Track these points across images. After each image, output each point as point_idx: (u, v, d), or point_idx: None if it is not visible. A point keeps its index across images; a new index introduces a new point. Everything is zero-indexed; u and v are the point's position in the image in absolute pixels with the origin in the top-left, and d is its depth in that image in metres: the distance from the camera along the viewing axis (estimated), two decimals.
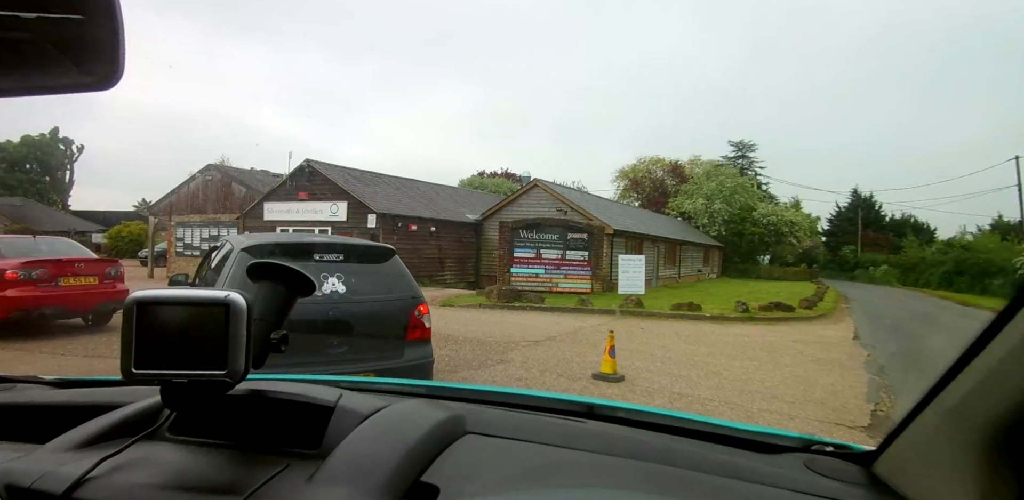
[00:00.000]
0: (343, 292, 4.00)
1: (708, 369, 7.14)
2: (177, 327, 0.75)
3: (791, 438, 0.97)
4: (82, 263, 8.43)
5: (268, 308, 0.84)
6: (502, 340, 8.75)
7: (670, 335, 9.98)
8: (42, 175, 56.26)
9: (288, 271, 0.86)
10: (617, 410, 1.10)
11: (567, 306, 13.43)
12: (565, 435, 0.91)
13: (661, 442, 0.93)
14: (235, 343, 0.74)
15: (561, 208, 20.58)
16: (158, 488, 0.74)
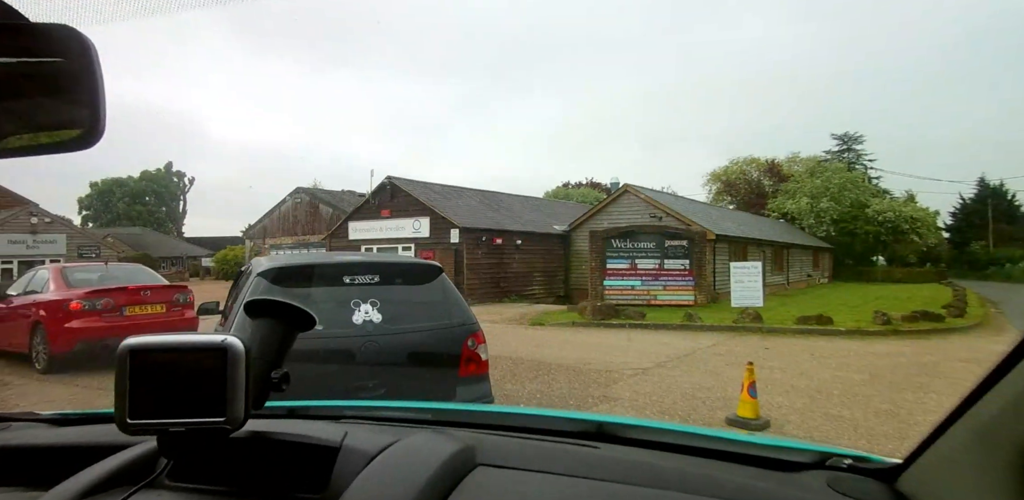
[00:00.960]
0: (379, 322, 3.36)
1: (875, 406, 5.57)
2: (173, 374, 0.72)
3: (810, 452, 0.93)
4: (148, 291, 8.00)
5: (267, 346, 0.81)
6: (602, 368, 7.49)
7: (805, 357, 8.34)
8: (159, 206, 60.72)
9: (285, 307, 0.84)
10: (628, 430, 1.05)
11: (672, 323, 11.90)
12: (578, 463, 0.89)
13: (677, 466, 0.90)
14: (233, 389, 0.72)
15: (655, 214, 19.04)
16: None
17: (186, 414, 0.72)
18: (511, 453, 0.93)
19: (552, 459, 0.91)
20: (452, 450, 0.88)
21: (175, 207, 62.33)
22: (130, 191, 58.60)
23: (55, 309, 7.45)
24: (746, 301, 12.33)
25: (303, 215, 28.21)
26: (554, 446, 0.98)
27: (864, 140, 47.46)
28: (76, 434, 1.11)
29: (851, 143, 47.40)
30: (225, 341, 0.72)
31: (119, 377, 0.72)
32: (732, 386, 6.17)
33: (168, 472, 0.85)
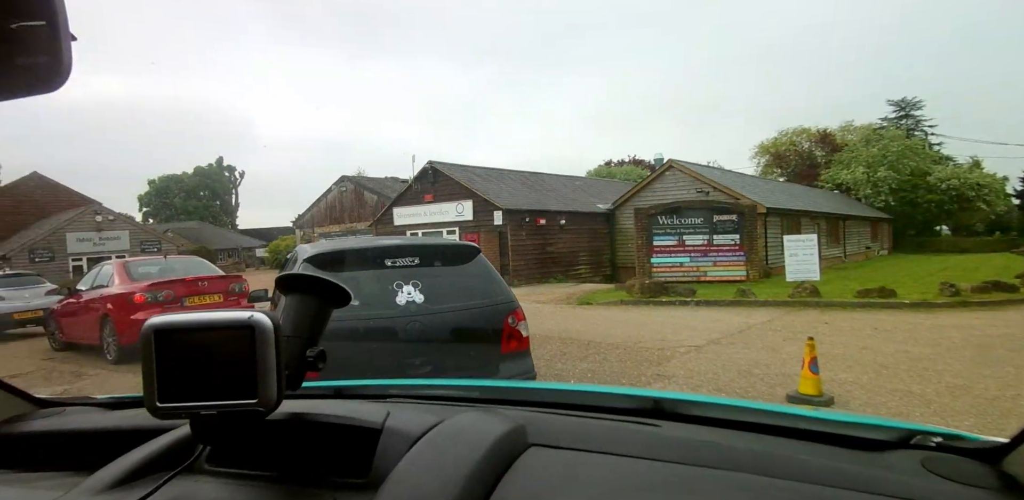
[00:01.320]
0: (421, 302, 3.45)
1: (946, 381, 5.28)
2: (200, 354, 0.69)
3: (893, 430, 0.86)
4: (206, 281, 8.26)
5: (301, 323, 0.78)
6: (654, 346, 7.35)
7: (867, 331, 7.99)
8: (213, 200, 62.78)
9: (318, 282, 0.81)
10: (689, 406, 0.96)
11: (724, 299, 11.59)
12: (639, 443, 0.83)
13: (749, 445, 0.83)
14: (264, 368, 0.68)
15: (702, 189, 18.54)
16: None
17: (217, 396, 0.68)
18: (565, 432, 0.87)
19: (610, 438, 0.85)
20: (502, 430, 0.82)
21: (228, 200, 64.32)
22: (185, 187, 60.72)
23: (121, 302, 7.77)
24: (801, 275, 11.90)
25: (349, 203, 28.66)
26: (611, 424, 0.92)
27: (923, 105, 44.95)
28: (127, 417, 1.11)
29: (909, 109, 44.95)
30: (252, 318, 0.68)
31: (145, 358, 0.69)
32: (791, 362, 5.96)
33: (206, 456, 0.82)
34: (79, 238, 26.86)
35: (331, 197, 29.68)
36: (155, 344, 0.68)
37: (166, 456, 0.85)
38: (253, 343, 0.67)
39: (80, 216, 27.24)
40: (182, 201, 59.90)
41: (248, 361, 0.67)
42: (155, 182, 61.38)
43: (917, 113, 44.93)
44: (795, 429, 0.87)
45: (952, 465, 0.75)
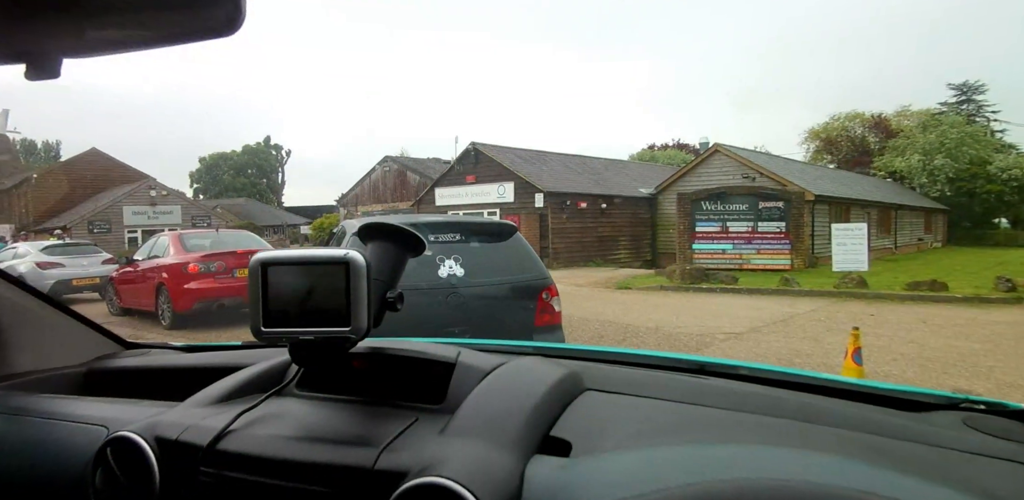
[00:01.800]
0: (461, 275, 3.68)
1: (996, 378, 5.15)
2: (301, 287, 0.75)
3: (940, 396, 0.87)
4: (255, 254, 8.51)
5: (381, 267, 0.82)
6: (693, 332, 7.34)
7: (915, 324, 7.79)
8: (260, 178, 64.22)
9: (397, 230, 0.86)
10: (740, 368, 0.99)
11: (767, 287, 11.41)
12: (690, 391, 0.87)
13: (796, 399, 0.86)
14: (356, 300, 0.74)
15: (748, 174, 18.14)
16: (295, 440, 0.76)
17: (314, 324, 0.75)
18: (618, 380, 0.93)
19: (660, 386, 0.90)
20: (561, 373, 0.89)
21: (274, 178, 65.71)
22: (234, 164, 62.25)
23: (176, 272, 8.13)
24: (849, 265, 11.60)
25: (392, 183, 29.02)
26: (660, 374, 0.98)
27: (987, 89, 42.66)
28: (204, 358, 1.23)
29: (971, 93, 42.73)
30: (347, 255, 0.75)
31: (252, 289, 0.76)
32: (834, 353, 5.89)
33: (296, 382, 0.91)
34: (134, 211, 27.99)
35: (374, 177, 30.10)
36: (262, 276, 0.75)
37: (260, 382, 0.95)
38: (348, 277, 0.74)
39: (136, 191, 28.35)
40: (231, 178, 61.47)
41: (342, 294, 0.74)
42: (205, 159, 63.11)
43: (979, 97, 42.66)
44: (839, 389, 0.91)
45: (993, 423, 0.78)
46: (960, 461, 0.69)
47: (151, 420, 0.85)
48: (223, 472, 0.75)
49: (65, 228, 25.59)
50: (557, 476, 0.65)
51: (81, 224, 26.76)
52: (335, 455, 0.72)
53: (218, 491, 0.75)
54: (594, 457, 0.69)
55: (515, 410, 0.76)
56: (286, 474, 0.72)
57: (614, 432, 0.75)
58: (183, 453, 0.78)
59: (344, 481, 0.70)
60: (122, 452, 0.79)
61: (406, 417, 0.80)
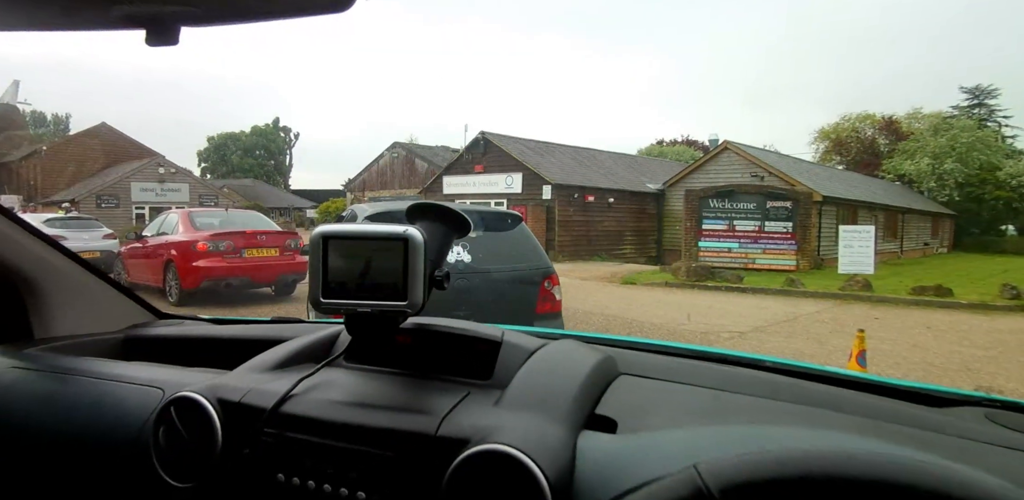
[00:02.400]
0: (468, 262, 3.78)
1: (999, 386, 5.18)
2: (360, 260, 0.77)
3: (963, 394, 0.89)
4: (264, 235, 8.58)
5: (430, 247, 0.81)
6: (698, 329, 7.38)
7: (919, 329, 7.83)
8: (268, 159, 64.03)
9: (445, 210, 0.87)
10: (765, 362, 1.01)
11: (772, 287, 11.44)
12: (722, 379, 0.89)
13: (823, 390, 0.88)
14: (414, 276, 0.76)
15: (757, 173, 18.10)
16: (356, 406, 0.79)
17: (371, 298, 0.77)
18: (651, 366, 0.95)
19: (693, 373, 0.92)
20: (599, 357, 0.92)
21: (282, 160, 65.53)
22: (242, 145, 62.07)
23: (185, 249, 8.14)
24: (855, 267, 11.62)
25: (400, 169, 29.00)
26: (693, 362, 0.99)
27: (999, 94, 42.09)
28: (238, 330, 1.27)
29: (983, 97, 42.24)
30: (407, 232, 0.76)
31: (313, 260, 0.77)
32: (837, 355, 5.93)
33: (345, 355, 0.94)
34: (143, 188, 28.04)
35: (382, 162, 30.07)
36: (323, 249, 0.77)
37: (310, 352, 0.98)
38: (406, 253, 0.76)
39: (144, 167, 28.38)
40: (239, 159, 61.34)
41: (400, 269, 0.76)
42: (214, 139, 62.95)
43: (991, 102, 42.17)
44: (864, 383, 0.93)
45: (1016, 419, 0.80)
46: (984, 451, 0.71)
47: (212, 383, 0.87)
48: (285, 433, 0.78)
49: (73, 201, 25.67)
50: (608, 448, 0.68)
51: (89, 198, 26.84)
52: (397, 421, 0.75)
53: (281, 451, 0.78)
54: (642, 434, 0.71)
55: (564, 387, 0.79)
56: (349, 437, 0.75)
57: (656, 412, 0.77)
58: (245, 415, 0.81)
59: (407, 446, 0.72)
60: (185, 411, 0.81)
61: (458, 390, 0.82)
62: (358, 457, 0.74)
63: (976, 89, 42.41)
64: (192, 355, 1.15)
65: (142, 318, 1.41)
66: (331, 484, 0.74)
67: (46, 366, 1.07)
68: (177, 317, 1.43)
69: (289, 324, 1.25)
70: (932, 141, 34.88)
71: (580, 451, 0.68)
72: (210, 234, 8.24)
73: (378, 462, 0.73)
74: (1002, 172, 33.99)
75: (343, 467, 0.75)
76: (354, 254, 0.77)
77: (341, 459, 0.75)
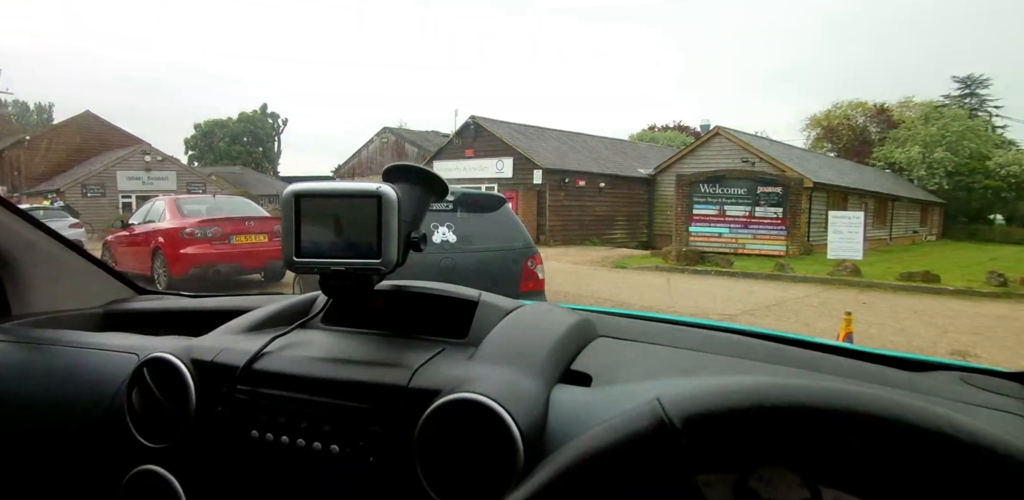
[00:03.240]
0: (454, 242, 3.92)
1: None
2: (332, 218, 0.76)
3: (939, 362, 0.91)
4: (252, 221, 8.53)
5: (407, 209, 0.81)
6: (686, 311, 7.37)
7: (906, 314, 7.86)
8: (256, 146, 63.40)
9: (421, 171, 0.86)
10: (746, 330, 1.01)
11: (761, 272, 11.46)
12: (699, 342, 0.90)
13: (801, 353, 0.89)
14: (387, 233, 0.75)
15: (748, 159, 18.09)
16: (330, 361, 0.79)
17: (345, 256, 0.76)
18: (630, 329, 0.95)
19: (670, 335, 0.92)
20: (577, 318, 0.91)
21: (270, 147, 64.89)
22: (230, 132, 61.39)
23: (172, 236, 8.12)
24: (844, 253, 11.68)
25: (390, 154, 28.82)
26: (670, 325, 1.00)
27: (991, 83, 42.20)
28: (215, 302, 1.27)
29: (975, 87, 42.37)
30: (379, 189, 0.75)
31: (285, 219, 0.77)
32: (825, 337, 5.92)
33: (322, 316, 0.94)
34: (129, 176, 27.67)
35: (372, 148, 29.86)
36: (295, 207, 0.76)
37: (287, 314, 0.97)
38: (380, 211, 0.74)
39: (130, 155, 27.98)
40: (226, 146, 60.68)
41: (374, 227, 0.75)
42: (201, 126, 62.19)
43: (983, 92, 42.36)
44: (842, 350, 0.94)
45: (989, 381, 0.80)
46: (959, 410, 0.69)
47: (185, 344, 0.87)
48: (259, 390, 0.78)
49: (58, 191, 25.33)
50: (580, 399, 0.69)
51: (74, 188, 26.47)
52: (370, 375, 0.75)
53: (254, 408, 0.78)
54: (615, 385, 0.72)
55: (539, 343, 0.79)
56: (322, 391, 0.75)
57: (632, 369, 0.77)
58: (218, 373, 0.81)
59: (380, 398, 0.73)
60: (158, 372, 0.82)
61: (433, 347, 0.82)
62: (331, 411, 0.74)
63: (968, 78, 42.51)
64: (172, 327, 1.15)
65: (123, 294, 1.40)
66: (305, 438, 0.74)
67: (21, 338, 1.07)
68: (158, 293, 1.44)
69: (270, 296, 1.25)
70: (923, 130, 35.04)
71: (553, 402, 0.68)
72: (198, 221, 8.21)
73: (351, 415, 0.73)
74: (991, 161, 34.23)
75: (317, 421, 0.74)
76: (327, 212, 0.76)
77: (314, 413, 0.75)
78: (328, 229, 0.76)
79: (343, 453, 0.72)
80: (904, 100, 41.73)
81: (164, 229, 8.30)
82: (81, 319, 1.25)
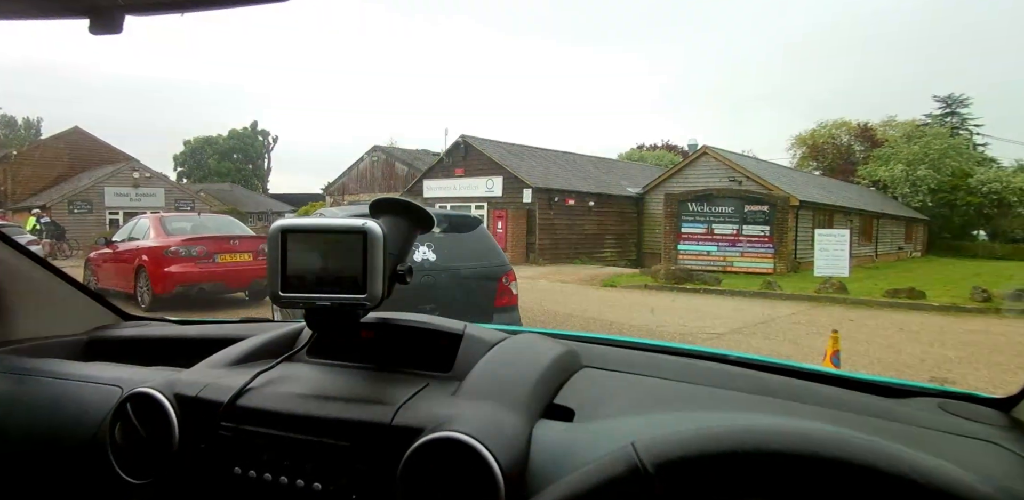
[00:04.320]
0: (433, 260, 4.14)
1: (970, 385, 5.25)
2: (319, 254, 0.77)
3: (919, 387, 0.93)
4: (237, 240, 8.51)
5: (393, 241, 0.82)
6: (676, 331, 7.40)
7: (892, 330, 7.93)
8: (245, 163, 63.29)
9: (408, 205, 0.87)
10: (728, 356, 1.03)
11: (749, 290, 11.54)
12: (681, 371, 0.91)
13: (784, 382, 0.90)
14: (373, 269, 0.76)
15: (735, 177, 18.28)
16: (313, 398, 0.79)
17: (330, 291, 0.76)
18: (614, 359, 0.97)
19: (655, 366, 0.94)
20: (561, 349, 0.93)
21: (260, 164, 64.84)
22: (219, 149, 61.32)
23: (157, 254, 8.06)
24: (830, 270, 11.77)
25: (380, 173, 28.86)
26: (653, 355, 1.01)
27: (971, 103, 43.22)
28: (205, 330, 1.27)
29: (956, 106, 43.34)
30: (365, 224, 0.76)
31: (271, 254, 0.77)
32: (813, 356, 5.97)
33: (307, 349, 0.94)
34: (117, 193, 27.53)
35: (362, 166, 29.91)
36: (281, 242, 0.76)
37: (272, 347, 0.98)
38: (365, 246, 0.75)
39: (118, 171, 27.87)
40: (216, 162, 60.58)
41: (359, 262, 0.75)
42: (190, 142, 62.14)
43: (963, 111, 43.30)
44: (823, 376, 0.95)
45: (967, 408, 0.82)
46: (935, 438, 0.72)
47: (169, 378, 0.87)
48: (242, 427, 0.78)
49: (45, 207, 25.12)
50: (562, 436, 0.69)
51: (61, 204, 26.27)
52: (353, 412, 0.75)
53: (237, 445, 0.78)
54: (596, 422, 0.73)
55: (522, 378, 0.79)
56: (305, 428, 0.75)
57: (613, 402, 0.78)
58: (202, 409, 0.80)
59: (363, 435, 0.73)
60: (142, 408, 0.81)
61: (417, 382, 0.83)
62: (314, 448, 0.74)
63: (949, 98, 43.47)
64: (157, 355, 1.16)
65: (107, 320, 1.40)
66: (287, 476, 0.75)
67: (4, 367, 1.06)
68: (143, 319, 1.44)
69: (256, 323, 1.25)
70: (906, 148, 35.66)
71: (535, 439, 0.69)
72: (183, 239, 8.19)
73: (334, 452, 0.73)
74: (973, 179, 34.83)
75: (299, 459, 0.75)
76: (313, 247, 0.77)
77: (297, 451, 0.75)
78: (314, 264, 0.77)
79: (326, 491, 0.73)
80: (887, 119, 42.55)
81: (148, 247, 8.27)
82: (65, 347, 1.23)
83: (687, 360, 0.99)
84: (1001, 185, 34.23)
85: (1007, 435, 0.75)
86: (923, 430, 0.74)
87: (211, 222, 9.48)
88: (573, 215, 19.18)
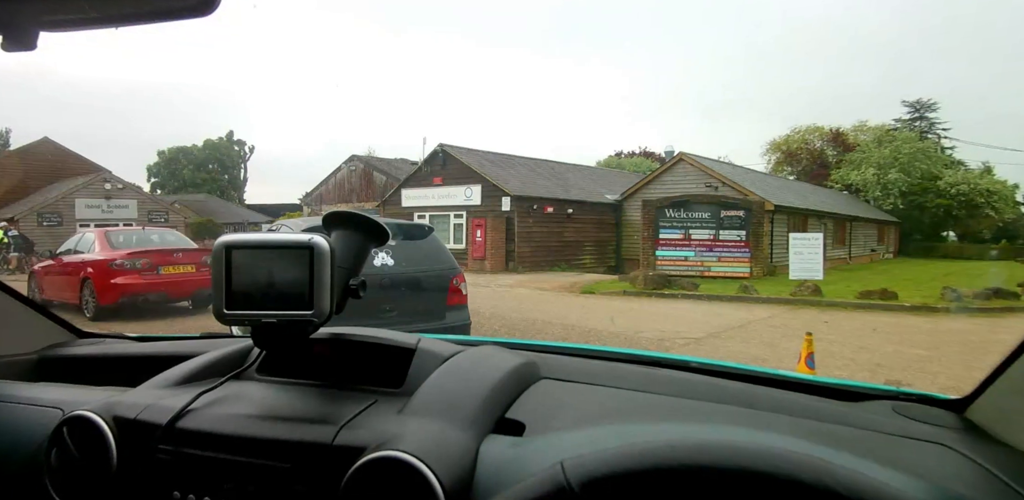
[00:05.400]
0: (391, 265, 4.54)
1: (940, 383, 5.37)
2: (264, 270, 0.75)
3: (874, 389, 0.94)
4: (180, 252, 8.86)
5: (345, 255, 0.82)
6: (654, 336, 7.44)
7: (866, 331, 8.06)
8: (221, 174, 62.43)
9: (363, 219, 0.86)
10: (690, 363, 1.06)
11: (726, 294, 11.66)
12: (640, 380, 0.91)
13: (740, 388, 0.91)
14: (320, 284, 0.75)
15: (711, 183, 18.52)
16: (254, 418, 0.77)
17: (277, 307, 0.75)
18: (574, 370, 0.96)
19: (614, 376, 0.93)
20: (518, 361, 0.92)
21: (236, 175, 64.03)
22: (195, 159, 60.46)
23: (102, 267, 8.33)
24: (805, 274, 11.95)
25: (358, 182, 28.71)
26: (615, 365, 1.01)
27: (938, 107, 44.30)
28: (159, 347, 1.25)
29: (924, 111, 44.42)
30: (312, 240, 0.75)
31: (216, 271, 0.75)
32: (788, 358, 6.04)
33: (257, 367, 0.92)
34: (88, 204, 26.99)
35: (340, 176, 29.74)
36: (226, 259, 0.75)
37: (220, 366, 0.96)
38: (312, 262, 0.74)
39: (90, 183, 27.36)
40: (191, 173, 59.70)
41: (306, 278, 0.74)
42: (164, 153, 61.18)
43: (931, 115, 44.38)
44: (781, 381, 0.97)
45: (920, 410, 0.83)
46: (886, 442, 0.73)
47: (109, 400, 0.85)
48: (182, 449, 0.76)
49: (12, 220, 24.54)
50: (508, 453, 0.69)
51: (30, 216, 25.69)
52: (294, 432, 0.73)
53: (176, 468, 0.76)
54: (544, 436, 0.72)
55: (472, 392, 0.78)
56: (245, 450, 0.73)
57: (566, 415, 0.77)
58: (141, 432, 0.78)
59: (303, 456, 0.71)
60: (78, 431, 0.79)
61: (365, 399, 0.81)
62: (255, 471, 0.73)
63: (917, 103, 44.52)
64: (110, 374, 1.12)
65: (60, 338, 1.36)
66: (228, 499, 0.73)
67: None
68: (99, 336, 1.40)
69: (215, 339, 1.23)
70: (877, 152, 36.42)
71: (482, 455, 0.68)
72: (128, 252, 8.50)
73: (275, 474, 0.72)
74: (942, 181, 35.66)
75: (241, 481, 0.73)
76: (258, 263, 0.75)
77: (238, 473, 0.73)
78: (260, 280, 0.75)
79: None
80: (858, 124, 43.46)
81: (94, 260, 8.54)
82: (13, 367, 1.20)
83: (648, 369, 0.99)
84: (969, 187, 35.10)
85: (957, 437, 0.76)
86: (875, 434, 0.75)
87: (155, 235, 9.87)
88: (552, 223, 19.24)
